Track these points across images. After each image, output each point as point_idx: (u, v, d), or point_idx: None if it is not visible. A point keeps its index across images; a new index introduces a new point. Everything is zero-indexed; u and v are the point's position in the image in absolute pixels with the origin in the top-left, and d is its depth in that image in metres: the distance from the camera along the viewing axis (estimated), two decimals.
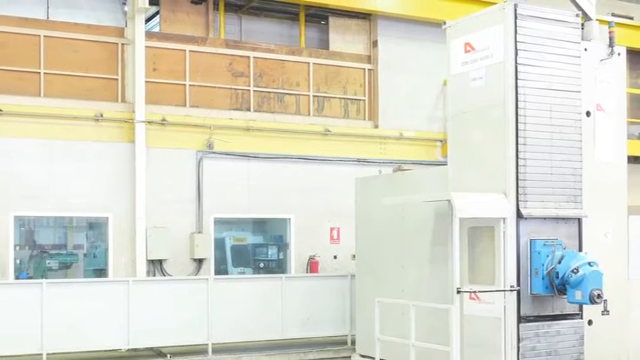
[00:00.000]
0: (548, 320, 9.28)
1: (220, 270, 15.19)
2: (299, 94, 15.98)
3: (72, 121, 13.79)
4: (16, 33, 13.68)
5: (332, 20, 16.50)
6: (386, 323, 10.38)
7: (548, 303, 9.28)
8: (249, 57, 15.52)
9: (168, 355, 11.99)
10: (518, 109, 9.26)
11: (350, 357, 12.49)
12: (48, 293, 11.42)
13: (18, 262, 13.63)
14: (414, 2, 16.41)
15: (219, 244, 15.40)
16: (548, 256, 9.10)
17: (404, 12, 16.38)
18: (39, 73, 13.81)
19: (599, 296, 8.76)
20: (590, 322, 9.60)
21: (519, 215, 9.17)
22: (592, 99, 9.92)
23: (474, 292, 9.33)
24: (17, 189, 13.34)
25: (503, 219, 9.13)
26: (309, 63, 16.10)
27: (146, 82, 14.28)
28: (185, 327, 12.22)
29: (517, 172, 9.23)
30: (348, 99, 16.46)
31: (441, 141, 16.70)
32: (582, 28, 9.87)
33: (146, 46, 14.32)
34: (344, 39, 16.54)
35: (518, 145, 9.23)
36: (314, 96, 16.09)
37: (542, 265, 9.09)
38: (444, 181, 10.19)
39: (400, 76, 16.63)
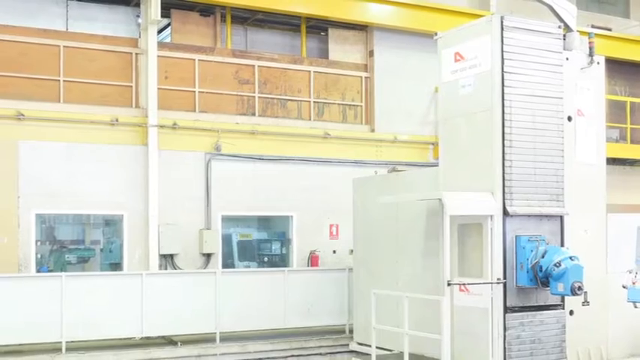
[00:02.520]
0: (533, 311, 9.28)
1: (227, 264, 15.17)
2: (300, 100, 15.97)
3: (89, 126, 13.78)
4: (38, 43, 13.68)
5: (331, 31, 16.50)
6: (381, 313, 10.37)
7: (532, 294, 9.28)
8: (254, 66, 15.51)
9: (179, 343, 11.99)
10: (505, 114, 9.26)
11: (348, 345, 12.48)
12: (67, 285, 11.42)
13: (39, 256, 13.62)
14: (408, 15, 16.41)
15: (227, 240, 15.39)
16: (532, 250, 9.10)
17: (398, 24, 16.39)
18: (58, 80, 13.80)
19: (579, 288, 8.77)
20: (571, 313, 9.59)
21: (505, 213, 9.17)
22: (573, 105, 9.93)
23: (464, 284, 9.33)
24: (38, 188, 13.33)
25: (491, 216, 9.13)
26: (309, 71, 16.09)
27: (158, 89, 14.28)
28: (195, 317, 12.23)
29: (503, 173, 9.22)
30: (346, 105, 16.45)
31: (432, 144, 16.69)
32: (564, 39, 9.86)
33: (158, 56, 14.32)
34: (342, 49, 16.53)
35: (505, 148, 9.23)
36: (314, 102, 16.08)
37: (527, 259, 9.09)
38: (436, 181, 10.18)
39: (395, 84, 16.61)
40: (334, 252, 15.70)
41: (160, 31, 15.03)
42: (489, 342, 9.05)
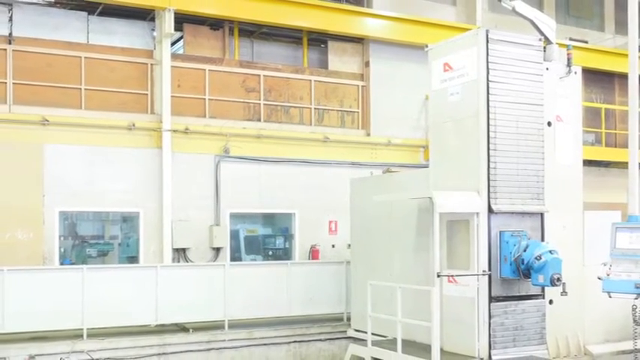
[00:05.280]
0: (515, 300, 9.27)
1: (235, 257, 15.18)
2: (302, 107, 15.97)
3: (108, 130, 13.79)
4: (62, 55, 13.71)
5: (331, 44, 16.50)
6: (377, 302, 10.36)
7: (515, 285, 9.27)
8: (259, 75, 15.52)
9: (191, 330, 11.99)
10: (490, 120, 9.25)
11: (346, 331, 12.49)
12: (88, 277, 11.40)
13: (62, 250, 13.64)
14: (401, 28, 16.42)
15: (234, 235, 15.39)
16: (515, 245, 9.09)
17: (392, 37, 16.40)
18: (80, 89, 13.82)
19: (558, 279, 8.77)
20: (551, 302, 9.58)
21: (490, 210, 9.17)
22: (552, 111, 9.91)
23: (452, 276, 9.33)
24: (62, 188, 13.36)
25: (477, 213, 9.13)
26: (310, 80, 16.09)
27: (172, 96, 14.29)
28: (205, 306, 12.21)
29: (488, 174, 9.21)
30: (344, 111, 16.46)
31: (423, 147, 16.69)
32: (544, 51, 9.85)
33: (172, 66, 14.34)
34: (341, 60, 16.53)
35: (490, 151, 9.22)
36: (315, 108, 16.09)
37: (510, 252, 9.09)
38: (426, 182, 10.17)
39: (389, 92, 16.62)
40: (333, 246, 15.70)
41: (173, 44, 15.02)
42: (475, 329, 9.05)
